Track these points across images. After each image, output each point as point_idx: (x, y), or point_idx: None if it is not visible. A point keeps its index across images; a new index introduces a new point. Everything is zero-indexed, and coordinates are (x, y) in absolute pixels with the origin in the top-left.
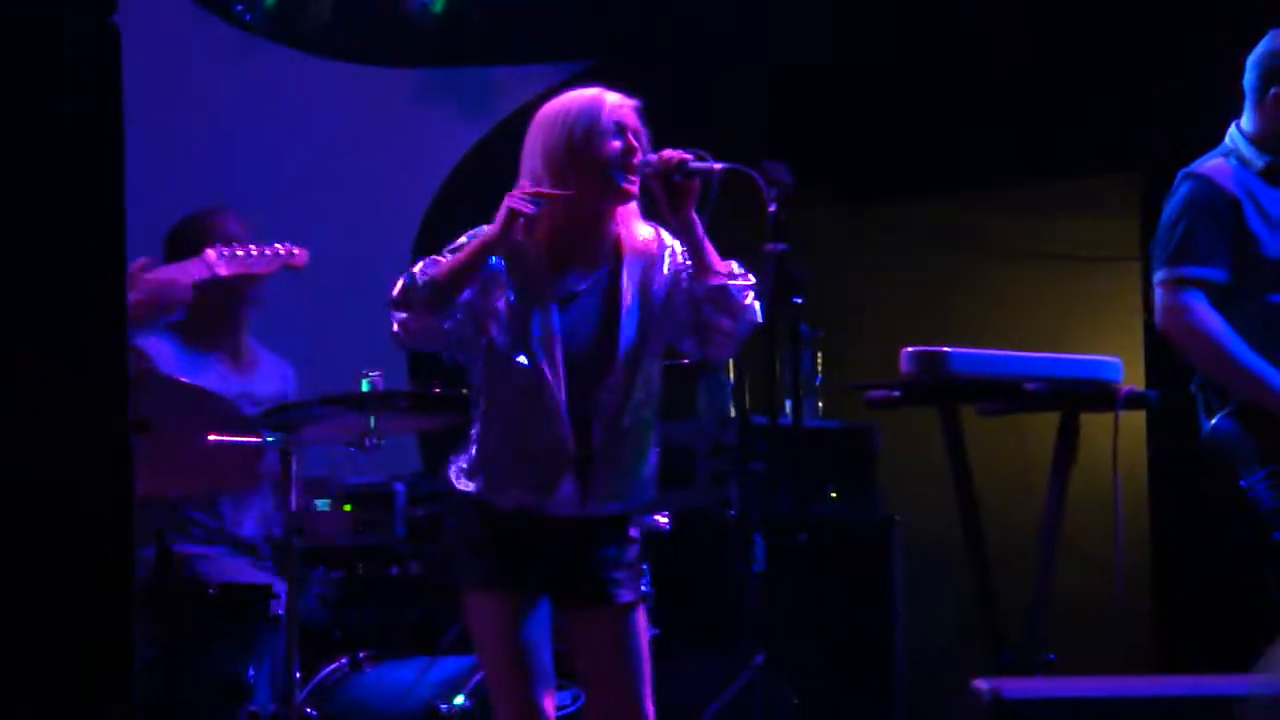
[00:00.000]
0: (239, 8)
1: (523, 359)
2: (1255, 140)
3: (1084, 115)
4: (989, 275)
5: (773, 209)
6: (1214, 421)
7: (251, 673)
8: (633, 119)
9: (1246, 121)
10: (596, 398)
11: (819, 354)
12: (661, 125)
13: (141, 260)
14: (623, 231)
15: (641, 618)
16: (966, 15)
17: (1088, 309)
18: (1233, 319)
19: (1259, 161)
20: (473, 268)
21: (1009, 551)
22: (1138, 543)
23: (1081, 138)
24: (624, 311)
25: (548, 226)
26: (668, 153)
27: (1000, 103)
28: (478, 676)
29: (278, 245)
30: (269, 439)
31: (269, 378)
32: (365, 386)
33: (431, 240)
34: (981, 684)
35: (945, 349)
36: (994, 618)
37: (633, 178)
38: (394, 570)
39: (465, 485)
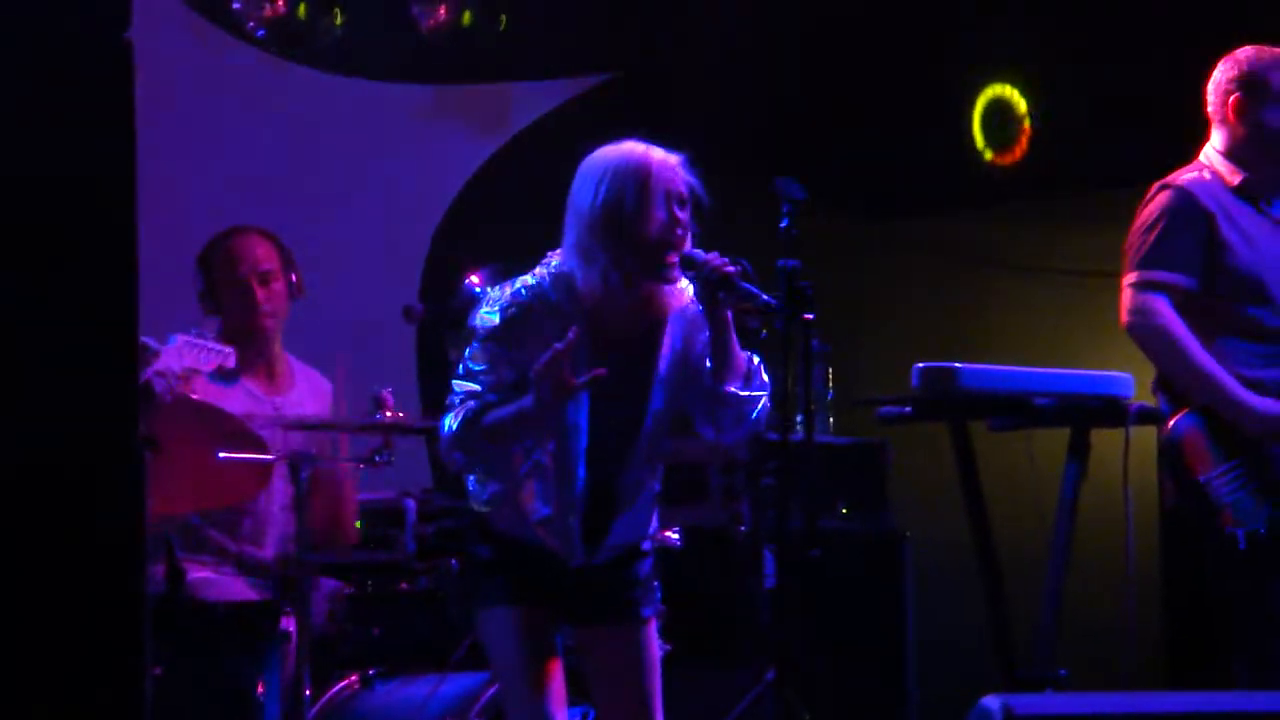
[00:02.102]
0: (251, 23)
1: (552, 419)
2: (1229, 156)
3: (1094, 131)
4: (1000, 291)
5: (784, 224)
6: (1175, 420)
7: (261, 689)
8: (682, 188)
9: (1217, 140)
10: (620, 456)
11: (830, 369)
12: (674, 141)
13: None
14: (668, 290)
15: (653, 632)
16: (981, 30)
17: (1098, 324)
18: (1204, 328)
19: (1235, 177)
20: (518, 435)
21: (1020, 567)
22: (1149, 558)
23: (1091, 154)
24: (657, 378)
25: (590, 290)
26: (715, 260)
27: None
28: (489, 693)
29: (215, 346)
30: (278, 455)
31: (303, 397)
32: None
33: (444, 256)
34: (992, 700)
35: (955, 365)
36: (1005, 633)
37: (673, 261)
38: (404, 586)
39: (484, 510)
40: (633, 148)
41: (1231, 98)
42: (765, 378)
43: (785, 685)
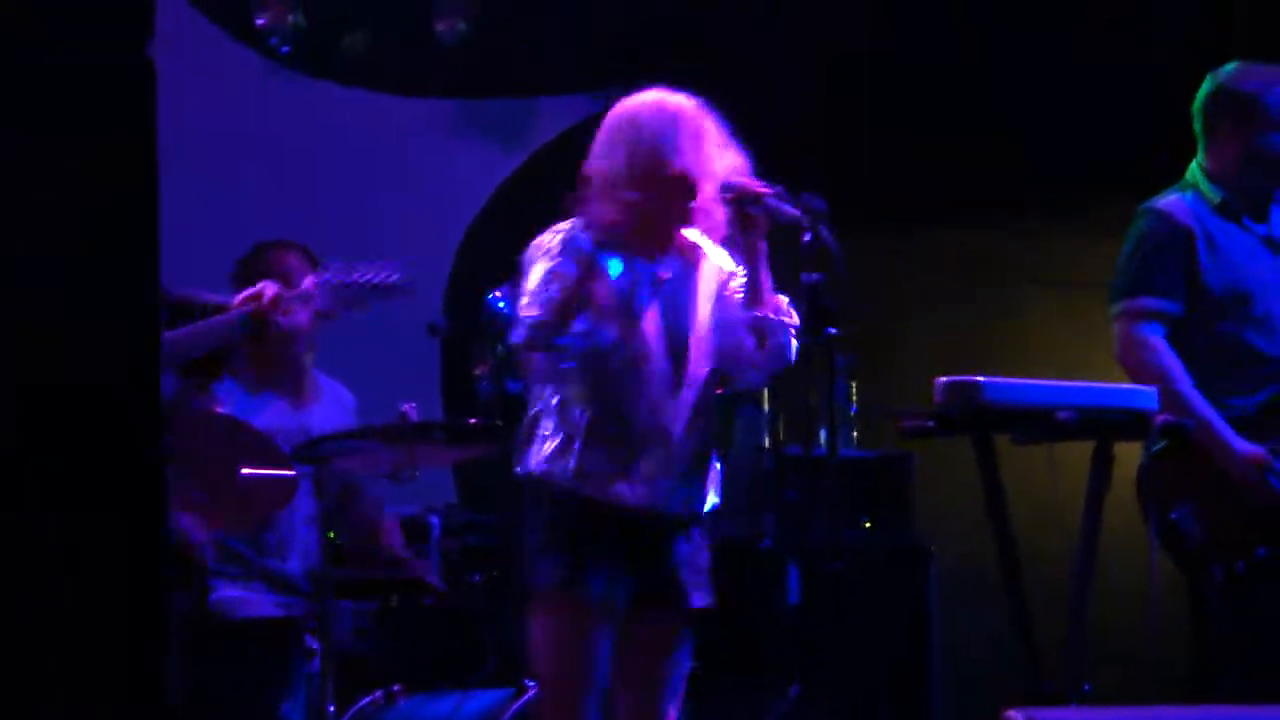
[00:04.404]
0: (274, 39)
1: (625, 337)
2: (1212, 176)
3: (1123, 142)
4: (1025, 304)
5: (808, 238)
6: (1151, 452)
7: (286, 706)
8: (707, 130)
9: (1203, 159)
10: (680, 381)
11: (853, 383)
12: None
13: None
14: (700, 229)
15: (688, 633)
16: (1007, 37)
17: None
18: (1183, 348)
19: (1216, 196)
20: (580, 297)
21: (1044, 581)
22: (1173, 571)
23: (1120, 165)
24: (698, 303)
25: (634, 214)
26: (748, 183)
27: (1039, 129)
28: (513, 709)
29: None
30: (302, 471)
31: (328, 413)
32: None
33: (467, 271)
34: (1016, 714)
35: (978, 378)
36: (1029, 647)
37: (698, 200)
38: (429, 601)
39: (547, 469)
40: (660, 96)
41: (1221, 121)
42: (795, 315)
43: (809, 700)
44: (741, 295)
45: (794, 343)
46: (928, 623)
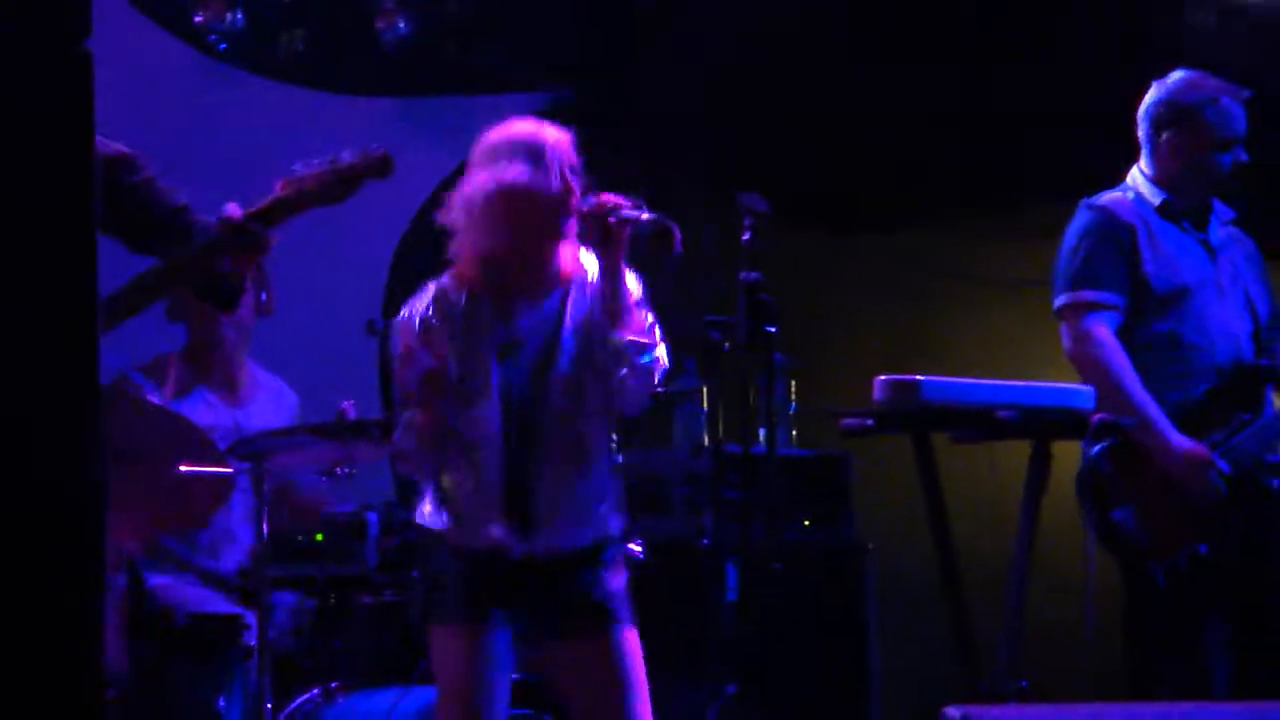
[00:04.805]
0: (213, 37)
1: (465, 399)
2: (1154, 181)
3: (1060, 141)
4: (965, 302)
5: (747, 238)
6: (1093, 453)
7: (223, 703)
8: (570, 156)
9: (1145, 165)
10: (538, 433)
11: (792, 382)
12: (636, 154)
13: None
14: (568, 258)
15: (631, 640)
16: (945, 42)
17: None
18: (1132, 344)
19: (1157, 199)
20: (440, 414)
21: (982, 579)
22: (1109, 569)
23: (1057, 164)
24: (561, 345)
25: (486, 263)
26: (605, 197)
27: (976, 129)
28: None
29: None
30: (240, 468)
31: (264, 410)
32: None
33: (407, 269)
34: (953, 711)
35: (917, 377)
36: (967, 645)
37: (569, 220)
38: (367, 599)
39: (432, 522)
40: (524, 125)
41: (1163, 132)
42: (659, 335)
43: (747, 699)
44: (604, 319)
45: (657, 370)
46: (866, 621)
